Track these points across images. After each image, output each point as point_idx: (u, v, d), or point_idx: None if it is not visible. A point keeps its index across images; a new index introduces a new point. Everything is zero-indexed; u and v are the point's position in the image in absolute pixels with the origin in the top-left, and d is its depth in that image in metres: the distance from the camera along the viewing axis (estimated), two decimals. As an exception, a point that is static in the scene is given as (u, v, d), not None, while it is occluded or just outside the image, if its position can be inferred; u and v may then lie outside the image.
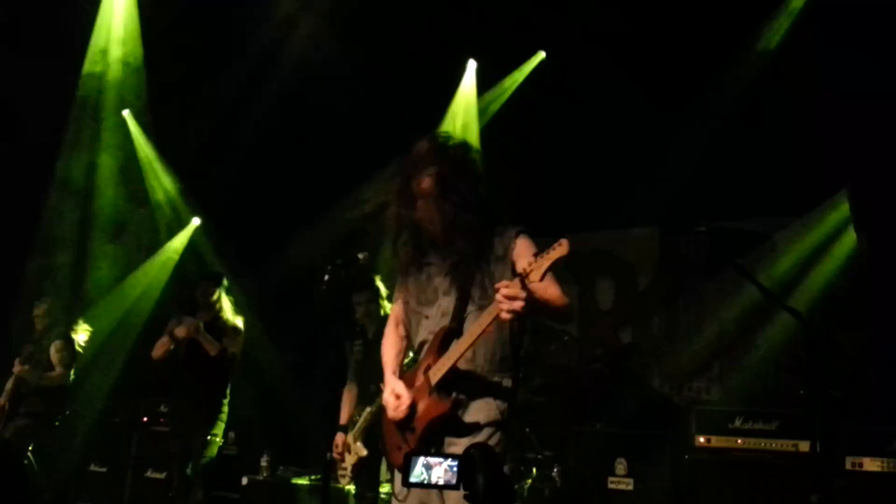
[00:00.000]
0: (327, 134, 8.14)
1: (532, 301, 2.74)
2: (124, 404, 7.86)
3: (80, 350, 6.59)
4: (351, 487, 6.26)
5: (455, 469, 2.14)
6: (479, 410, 2.98)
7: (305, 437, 7.48)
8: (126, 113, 8.50)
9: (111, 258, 8.34)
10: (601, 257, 8.02)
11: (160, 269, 8.81)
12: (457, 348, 2.93)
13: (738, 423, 5.37)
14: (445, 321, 3.05)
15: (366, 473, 5.25)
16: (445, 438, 2.98)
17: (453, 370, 2.94)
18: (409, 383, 3.08)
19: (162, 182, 8.84)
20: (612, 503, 5.48)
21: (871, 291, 6.26)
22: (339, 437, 5.25)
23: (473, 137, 8.12)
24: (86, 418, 7.73)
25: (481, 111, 8.13)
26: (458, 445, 2.89)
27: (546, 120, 7.45)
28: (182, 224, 8.94)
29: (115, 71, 8.12)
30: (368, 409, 5.20)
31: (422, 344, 3.14)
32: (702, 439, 5.45)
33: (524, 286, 2.69)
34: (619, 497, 5.50)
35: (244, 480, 6.87)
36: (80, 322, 6.62)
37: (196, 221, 8.93)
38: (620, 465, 5.57)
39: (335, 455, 5.22)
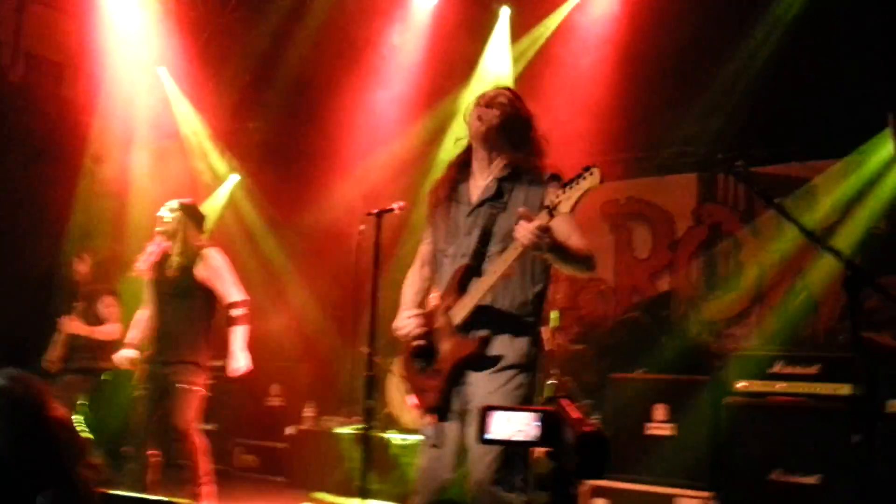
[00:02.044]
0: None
1: (553, 239, 2.66)
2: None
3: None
4: (392, 436, 6.39)
5: (536, 423, 1.94)
6: (504, 345, 2.92)
7: (348, 386, 7.60)
8: (161, 69, 8.55)
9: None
10: (637, 205, 7.96)
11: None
12: (478, 287, 2.89)
13: (777, 367, 5.35)
14: (464, 261, 3.00)
15: None
16: (468, 373, 2.95)
17: (477, 308, 2.90)
18: (430, 322, 3.05)
19: (198, 136, 8.91)
20: (652, 448, 5.51)
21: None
22: None
23: (509, 83, 8.05)
24: (133, 373, 7.91)
25: (515, 58, 8.02)
26: (483, 380, 2.89)
27: (582, 68, 7.35)
28: (220, 180, 9.04)
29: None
30: None
31: (440, 284, 3.11)
32: (741, 384, 5.45)
33: (551, 219, 2.61)
34: (659, 442, 5.53)
35: (289, 430, 7.03)
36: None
37: (234, 178, 9.02)
38: (659, 411, 5.59)
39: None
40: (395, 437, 6.40)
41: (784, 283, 7.01)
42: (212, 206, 8.99)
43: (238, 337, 5.05)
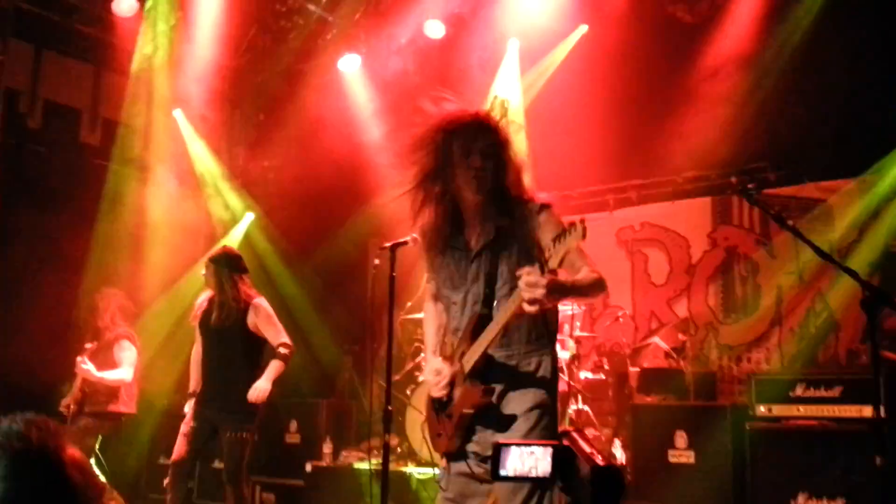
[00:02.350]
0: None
1: (556, 285, 2.61)
2: (188, 399, 8.05)
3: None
4: (412, 471, 6.36)
5: (549, 459, 1.92)
6: (519, 402, 2.91)
7: (366, 422, 7.58)
8: (177, 112, 8.67)
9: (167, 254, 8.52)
10: (653, 230, 7.95)
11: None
12: (486, 335, 2.86)
13: (798, 390, 5.29)
14: (476, 308, 2.99)
15: None
16: (478, 428, 2.94)
17: (486, 357, 2.89)
18: (451, 368, 3.04)
19: (214, 176, 9.01)
20: (674, 476, 5.45)
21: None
22: None
23: (518, 116, 8.11)
24: (152, 412, 7.93)
25: (525, 89, 8.08)
26: (494, 437, 2.86)
27: (586, 93, 7.38)
28: (236, 219, 9.11)
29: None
30: None
31: (455, 330, 3.08)
32: (762, 409, 5.39)
33: (543, 272, 2.57)
34: (681, 470, 5.46)
35: (308, 467, 7.00)
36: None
37: (250, 216, 9.09)
38: (681, 438, 5.53)
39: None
40: (414, 472, 6.36)
41: (803, 304, 6.96)
42: (228, 244, 9.06)
43: (273, 369, 5.31)
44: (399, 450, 6.82)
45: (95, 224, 7.91)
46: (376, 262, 4.80)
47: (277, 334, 5.36)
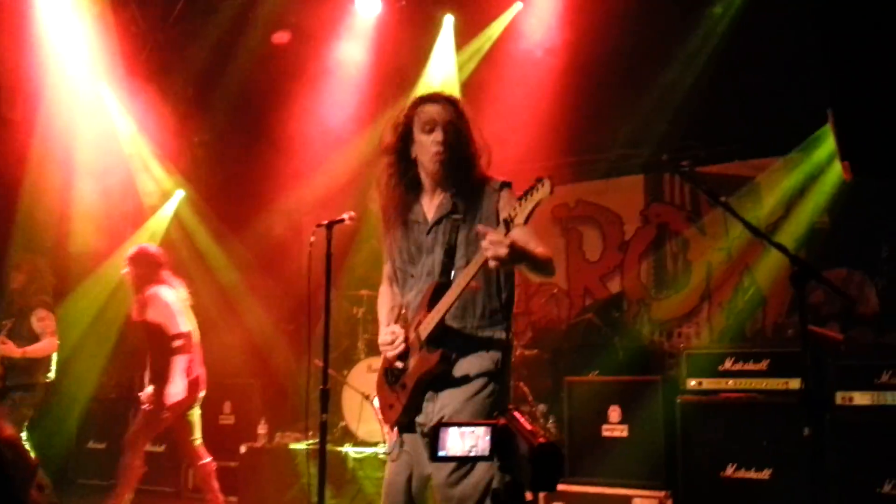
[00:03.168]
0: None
1: (515, 250, 2.68)
2: (118, 380, 7.89)
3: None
4: (349, 450, 6.33)
5: (488, 438, 1.94)
6: (471, 364, 2.95)
7: (301, 401, 7.52)
8: (102, 86, 8.40)
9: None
10: (587, 207, 8.03)
11: (148, 240, 8.78)
12: (444, 301, 2.90)
13: (728, 364, 5.42)
14: (431, 279, 3.03)
15: None
16: (433, 392, 2.97)
17: (441, 325, 2.92)
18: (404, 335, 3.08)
19: (142, 153, 8.77)
20: (608, 450, 5.54)
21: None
22: None
23: (454, 92, 8.06)
24: (80, 396, 7.74)
25: (460, 66, 8.04)
26: (449, 399, 2.91)
27: (520, 71, 7.39)
28: (165, 196, 8.90)
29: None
30: None
31: (412, 301, 3.11)
32: (693, 382, 5.51)
33: (508, 232, 2.64)
34: (615, 444, 5.56)
35: (242, 448, 6.92)
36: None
37: (180, 193, 8.89)
38: (614, 413, 5.62)
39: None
40: (351, 451, 6.34)
41: (731, 280, 7.13)
42: (157, 223, 8.85)
43: (177, 366, 5.60)
44: (336, 429, 6.79)
45: (17, 203, 7.65)
46: (312, 239, 4.73)
47: (171, 324, 5.63)
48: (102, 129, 8.37)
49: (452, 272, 2.98)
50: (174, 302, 5.74)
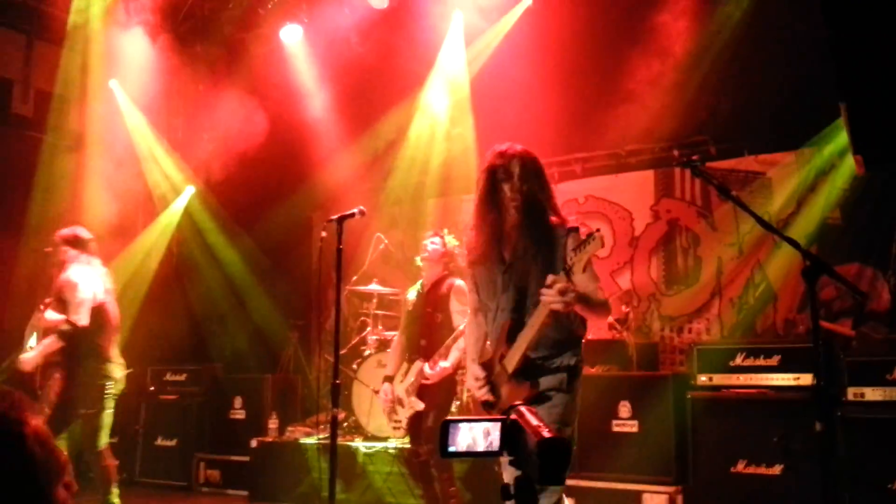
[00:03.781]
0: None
1: (578, 298, 3.03)
2: (130, 374, 7.90)
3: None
4: (359, 445, 6.35)
5: (498, 433, 1.97)
6: (545, 384, 3.27)
7: (312, 397, 7.54)
8: (113, 82, 8.43)
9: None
10: (596, 203, 8.01)
11: (159, 236, 8.82)
12: (522, 338, 3.23)
13: (738, 360, 5.41)
14: (506, 315, 3.38)
15: (417, 427, 5.22)
16: None
17: (525, 357, 3.25)
18: (490, 368, 3.42)
19: (152, 148, 8.79)
20: (618, 445, 5.54)
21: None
22: (387, 387, 5.25)
23: (463, 88, 8.08)
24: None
25: (469, 62, 8.04)
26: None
27: (530, 67, 7.38)
28: (177, 192, 8.93)
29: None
30: (419, 363, 5.16)
31: (491, 333, 3.48)
32: (703, 378, 5.50)
33: (569, 279, 2.98)
34: (624, 439, 5.55)
35: (253, 443, 6.95)
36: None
37: (190, 189, 8.92)
38: (624, 408, 5.62)
39: (386, 404, 5.27)
40: (361, 446, 6.36)
41: (742, 275, 7.10)
42: (168, 218, 8.89)
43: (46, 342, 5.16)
44: (346, 424, 6.80)
45: (29, 199, 7.68)
46: (323, 234, 4.74)
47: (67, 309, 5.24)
48: (113, 124, 8.40)
49: (525, 312, 3.31)
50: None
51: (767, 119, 6.72)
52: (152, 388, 7.83)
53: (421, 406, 5.11)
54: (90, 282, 5.24)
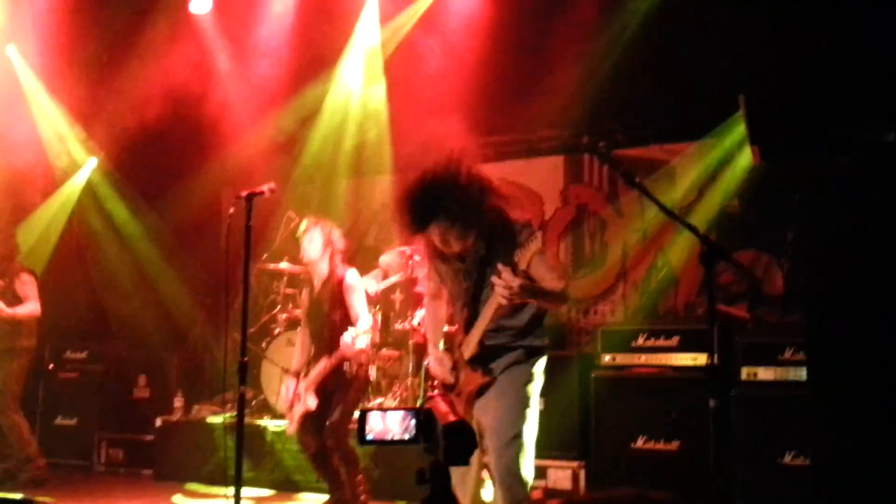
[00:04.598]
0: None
1: (525, 290, 3.17)
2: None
3: None
4: (267, 423, 6.31)
5: (413, 423, 2.05)
6: (506, 370, 3.45)
7: (220, 375, 7.44)
8: (11, 49, 8.07)
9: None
10: (509, 187, 8.09)
11: (59, 209, 8.51)
12: (476, 327, 3.41)
13: (641, 340, 5.61)
14: (465, 307, 3.52)
15: (310, 420, 5.17)
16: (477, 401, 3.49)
17: (480, 345, 3.42)
18: (451, 351, 3.57)
19: (53, 119, 8.46)
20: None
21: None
22: (291, 383, 5.16)
23: (378, 67, 8.04)
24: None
25: (384, 41, 7.99)
26: (491, 398, 3.44)
27: (446, 50, 7.42)
28: (77, 165, 8.62)
29: None
30: (325, 361, 5.07)
31: (454, 321, 3.62)
32: (607, 358, 5.67)
33: (516, 273, 3.11)
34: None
35: (158, 422, 6.84)
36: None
37: (93, 161, 8.62)
38: (531, 387, 5.73)
39: (286, 401, 5.16)
40: (269, 424, 6.32)
41: (646, 260, 7.33)
42: (70, 191, 8.58)
43: None
44: (254, 402, 6.75)
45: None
46: (231, 211, 4.67)
47: None
48: (10, 93, 8.05)
49: (479, 304, 3.45)
50: None
51: (674, 108, 6.92)
52: (51, 366, 7.59)
53: (314, 404, 5.03)
54: None
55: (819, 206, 3.69)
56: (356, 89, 8.22)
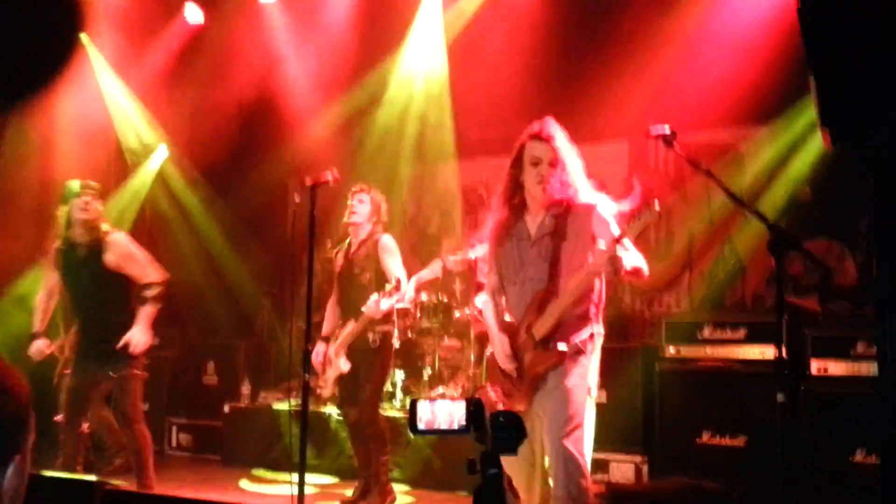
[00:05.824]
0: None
1: (623, 265, 3.31)
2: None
3: None
4: (331, 411, 6.38)
5: (463, 412, 2.07)
6: (571, 362, 3.49)
7: (285, 363, 7.55)
8: (84, 37, 8.25)
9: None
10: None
11: (132, 197, 8.71)
12: (556, 307, 3.45)
13: (706, 332, 5.50)
14: (536, 286, 3.54)
15: (347, 389, 5.29)
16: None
17: (557, 325, 3.46)
18: (513, 339, 3.59)
19: (125, 108, 8.65)
20: (587, 415, 5.61)
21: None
22: (321, 347, 5.30)
23: (440, 55, 8.01)
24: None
25: (446, 27, 7.96)
26: (553, 382, 3.48)
27: (510, 33, 7.35)
28: (148, 153, 8.80)
29: None
30: (352, 324, 5.21)
31: (515, 305, 3.64)
32: (672, 350, 5.58)
33: (617, 246, 3.20)
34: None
35: (226, 408, 6.98)
36: None
37: (163, 150, 8.80)
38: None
39: (316, 365, 5.27)
40: (333, 412, 6.40)
41: (712, 249, 7.17)
42: (141, 179, 8.77)
43: (145, 315, 5.03)
44: (318, 391, 6.83)
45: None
46: (296, 199, 4.74)
47: (143, 271, 5.10)
48: (85, 83, 8.25)
49: (557, 282, 3.50)
50: None
51: (741, 91, 6.74)
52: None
53: (347, 367, 5.12)
54: None
55: (893, 192, 3.55)
56: (419, 75, 8.21)
